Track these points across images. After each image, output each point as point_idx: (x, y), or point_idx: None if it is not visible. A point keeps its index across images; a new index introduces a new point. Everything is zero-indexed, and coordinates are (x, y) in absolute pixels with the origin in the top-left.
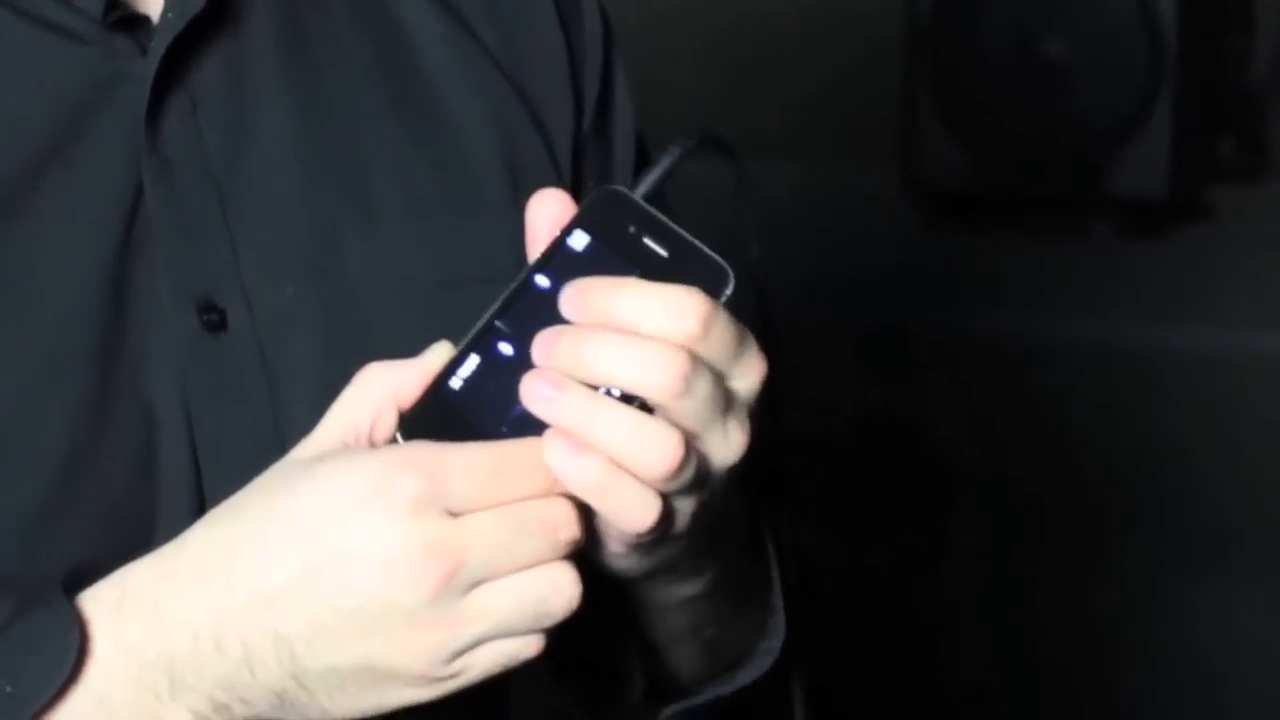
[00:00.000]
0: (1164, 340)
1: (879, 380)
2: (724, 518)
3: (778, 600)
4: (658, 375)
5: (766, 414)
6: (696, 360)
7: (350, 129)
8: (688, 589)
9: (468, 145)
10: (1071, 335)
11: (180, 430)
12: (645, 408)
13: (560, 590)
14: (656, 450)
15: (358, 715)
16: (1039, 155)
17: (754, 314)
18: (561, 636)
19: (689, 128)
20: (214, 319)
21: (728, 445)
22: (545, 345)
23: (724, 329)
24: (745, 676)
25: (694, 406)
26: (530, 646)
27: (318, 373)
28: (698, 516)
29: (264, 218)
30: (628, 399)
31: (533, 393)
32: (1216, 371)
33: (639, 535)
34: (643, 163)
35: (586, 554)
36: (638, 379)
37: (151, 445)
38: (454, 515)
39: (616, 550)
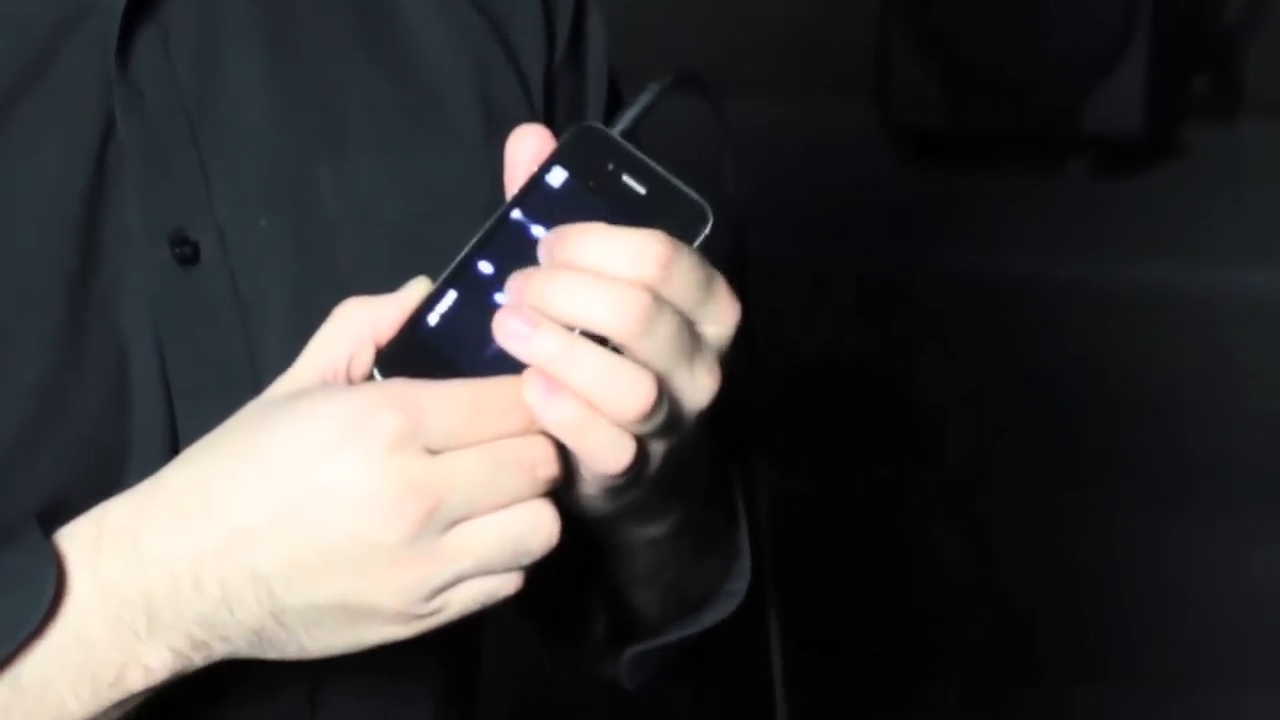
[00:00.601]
0: (1138, 278)
1: (853, 318)
2: (691, 461)
3: (744, 543)
4: (618, 314)
5: (743, 360)
6: (659, 301)
7: (322, 62)
8: (652, 531)
9: (441, 79)
10: (1046, 273)
11: (153, 364)
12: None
13: (539, 528)
14: (630, 391)
15: (336, 653)
16: (1014, 93)
17: (731, 255)
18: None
19: (664, 65)
20: (186, 252)
21: (697, 389)
22: (515, 286)
23: (688, 272)
24: (709, 618)
25: (657, 347)
26: (509, 584)
27: (290, 306)
28: (668, 459)
29: (236, 150)
30: (603, 344)
31: (506, 329)
32: (1190, 309)
33: (613, 477)
34: (614, 98)
35: (557, 495)
36: (598, 318)
37: (124, 379)
38: (433, 453)
39: (589, 492)
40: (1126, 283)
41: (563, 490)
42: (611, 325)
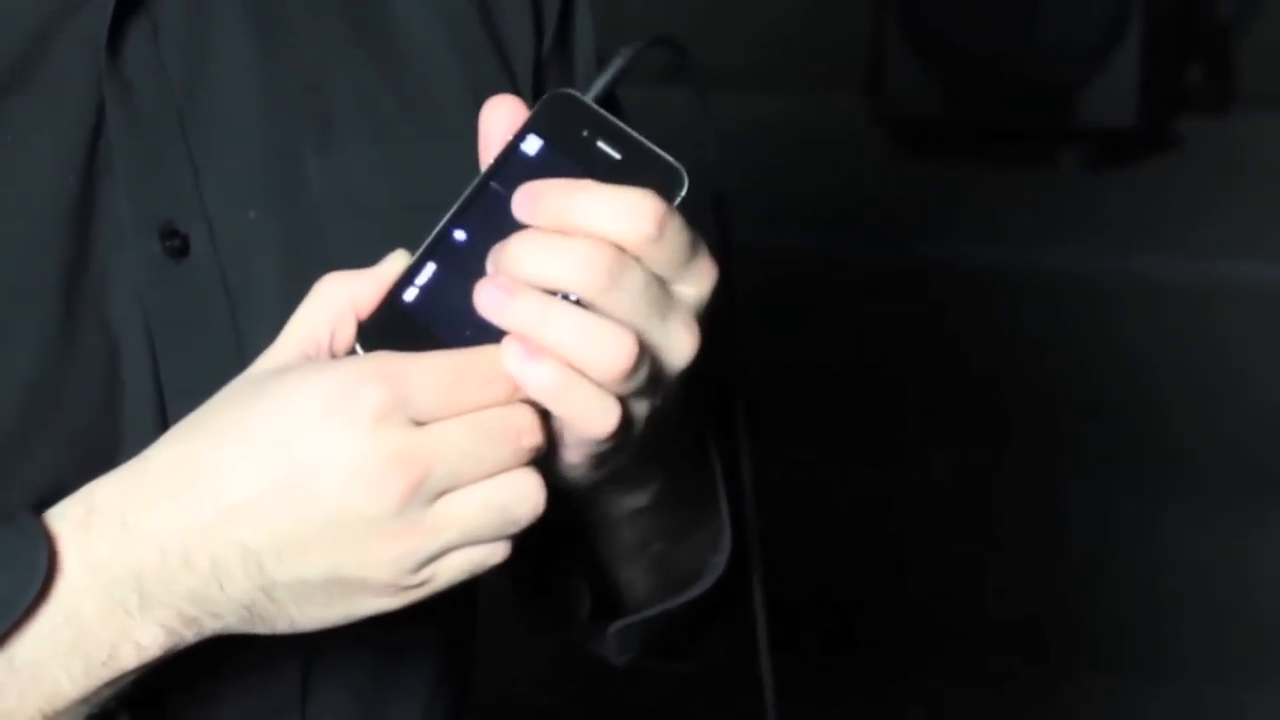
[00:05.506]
0: (1131, 269)
1: (847, 307)
2: (672, 426)
3: (724, 514)
4: (582, 272)
5: (724, 330)
6: (624, 257)
7: (312, 55)
8: (633, 501)
9: (429, 69)
10: (1039, 263)
11: (144, 357)
12: None
13: (525, 497)
14: (609, 349)
15: (327, 626)
16: (1008, 85)
17: (712, 219)
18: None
19: (655, 58)
20: (176, 245)
21: (675, 345)
22: (493, 253)
23: (677, 232)
24: (693, 591)
25: (626, 303)
26: (497, 553)
27: (280, 297)
28: (651, 421)
29: (225, 142)
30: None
31: (485, 298)
32: (1184, 300)
33: (599, 441)
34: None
35: (541, 467)
36: (562, 276)
37: (116, 372)
38: (417, 425)
39: (573, 460)
40: (1120, 274)
41: (546, 462)
42: (576, 282)
